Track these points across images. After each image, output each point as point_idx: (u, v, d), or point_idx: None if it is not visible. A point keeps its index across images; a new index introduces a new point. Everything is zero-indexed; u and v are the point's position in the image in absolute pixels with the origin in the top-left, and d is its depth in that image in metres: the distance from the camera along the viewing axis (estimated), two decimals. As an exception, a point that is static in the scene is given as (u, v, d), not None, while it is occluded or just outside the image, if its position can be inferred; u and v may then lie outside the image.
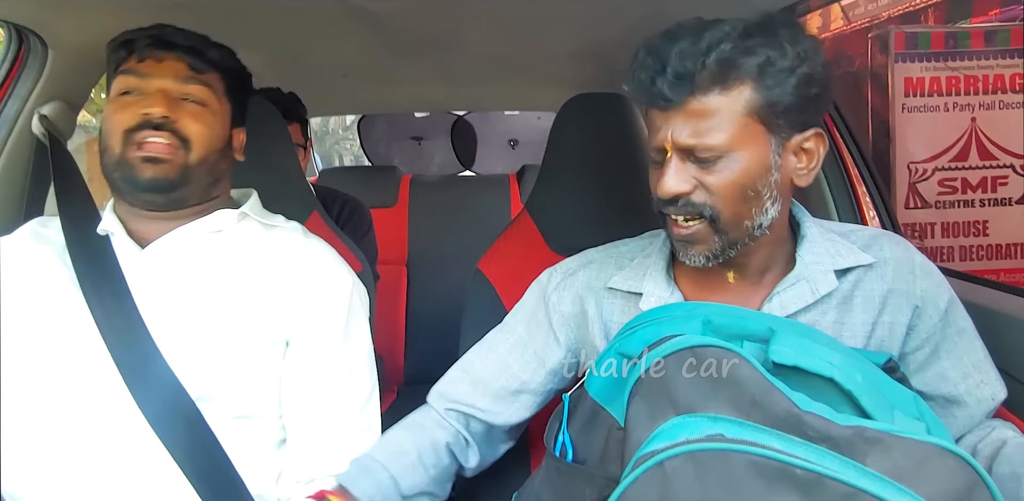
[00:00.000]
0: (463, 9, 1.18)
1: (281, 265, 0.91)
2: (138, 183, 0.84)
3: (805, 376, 0.64)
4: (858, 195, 1.31)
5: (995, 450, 0.72)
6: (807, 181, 0.77)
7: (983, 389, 0.78)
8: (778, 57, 0.69)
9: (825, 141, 0.76)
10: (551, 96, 1.79)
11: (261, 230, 0.94)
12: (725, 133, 0.70)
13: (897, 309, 0.79)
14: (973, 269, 2.31)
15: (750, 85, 0.69)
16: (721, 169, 0.71)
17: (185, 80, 0.87)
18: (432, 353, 1.06)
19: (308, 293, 0.90)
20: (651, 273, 0.84)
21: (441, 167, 2.86)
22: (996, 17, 3.22)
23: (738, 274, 0.80)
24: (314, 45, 1.35)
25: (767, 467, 0.54)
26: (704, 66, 0.68)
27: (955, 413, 0.79)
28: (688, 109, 0.70)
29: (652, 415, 0.62)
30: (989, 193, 2.35)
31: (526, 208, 1.18)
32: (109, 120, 0.85)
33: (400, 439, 0.87)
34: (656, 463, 0.56)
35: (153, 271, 0.87)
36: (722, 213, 0.73)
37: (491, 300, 1.06)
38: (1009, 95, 2.31)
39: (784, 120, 0.71)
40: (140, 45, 0.86)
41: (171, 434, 0.80)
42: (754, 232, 0.75)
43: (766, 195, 0.73)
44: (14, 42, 1.06)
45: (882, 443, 0.57)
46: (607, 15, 1.20)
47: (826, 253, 0.79)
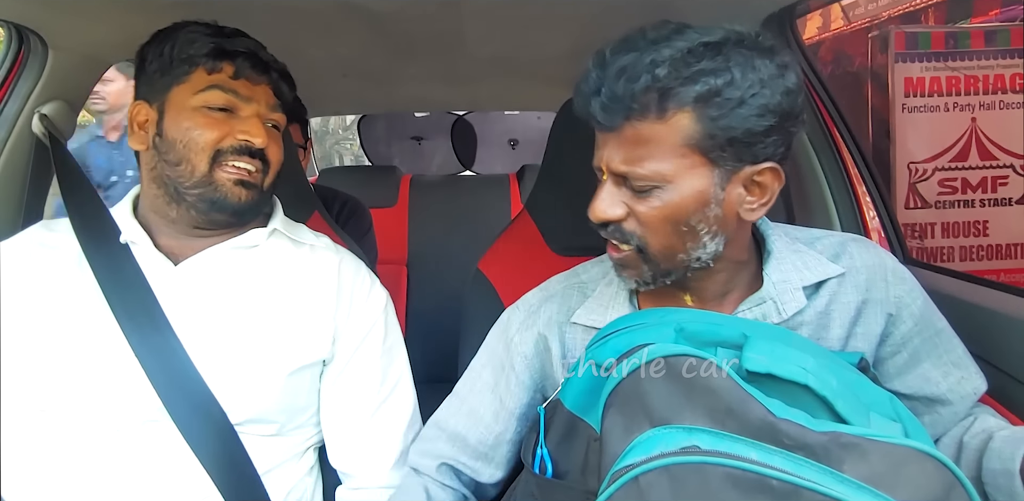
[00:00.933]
0: (463, 9, 1.18)
1: (319, 284, 0.91)
2: (225, 205, 0.84)
3: (780, 382, 0.63)
4: (858, 195, 1.31)
5: (982, 443, 0.72)
6: (756, 216, 0.71)
7: (964, 385, 0.78)
8: (724, 85, 0.63)
9: (781, 177, 0.70)
10: (551, 96, 1.79)
11: (291, 246, 0.94)
12: (660, 163, 0.66)
13: (871, 319, 0.78)
14: (973, 269, 2.30)
15: (689, 114, 0.64)
16: (654, 200, 0.67)
17: (273, 108, 0.89)
18: (432, 353, 1.06)
19: (348, 313, 0.92)
20: (613, 305, 0.80)
21: (441, 167, 2.87)
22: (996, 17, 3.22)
23: (695, 297, 0.77)
24: (314, 45, 1.35)
25: (742, 479, 0.54)
26: (643, 91, 0.64)
27: (939, 411, 0.79)
28: (622, 134, 0.66)
29: (627, 427, 0.61)
30: (989, 193, 2.35)
31: (526, 208, 1.18)
32: (194, 133, 0.82)
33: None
34: (631, 478, 0.56)
35: (188, 289, 0.85)
36: (650, 245, 0.70)
37: (491, 300, 1.06)
38: (1009, 95, 2.30)
39: (730, 153, 0.66)
40: (240, 62, 0.84)
41: (207, 451, 0.79)
42: (691, 264, 0.72)
43: (702, 230, 0.69)
44: (14, 42, 1.06)
45: (858, 448, 0.56)
46: (607, 15, 1.20)
47: (793, 268, 0.76)
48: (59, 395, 0.79)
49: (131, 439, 0.79)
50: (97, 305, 0.81)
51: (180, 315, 0.83)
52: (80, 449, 0.79)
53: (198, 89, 0.84)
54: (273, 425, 0.86)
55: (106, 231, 0.85)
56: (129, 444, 0.79)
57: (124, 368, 0.79)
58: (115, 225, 0.86)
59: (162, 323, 0.81)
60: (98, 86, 1.78)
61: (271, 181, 0.89)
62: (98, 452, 0.79)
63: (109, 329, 0.80)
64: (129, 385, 0.79)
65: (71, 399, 0.79)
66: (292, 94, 0.93)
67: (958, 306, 0.86)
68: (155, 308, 0.81)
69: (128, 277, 0.82)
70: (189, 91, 0.84)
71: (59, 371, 0.80)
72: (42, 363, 0.80)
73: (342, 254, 0.97)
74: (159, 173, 0.85)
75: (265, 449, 0.85)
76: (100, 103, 2.38)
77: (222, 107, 0.84)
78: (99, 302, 0.81)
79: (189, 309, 0.84)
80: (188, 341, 0.82)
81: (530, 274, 1.01)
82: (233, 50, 0.85)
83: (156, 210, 0.87)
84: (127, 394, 0.79)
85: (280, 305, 0.88)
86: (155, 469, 0.79)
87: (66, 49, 1.08)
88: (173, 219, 0.87)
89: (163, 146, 0.84)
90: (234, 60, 0.84)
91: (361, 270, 0.97)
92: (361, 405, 0.92)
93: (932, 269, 1.12)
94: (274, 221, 0.94)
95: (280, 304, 0.88)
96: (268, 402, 0.85)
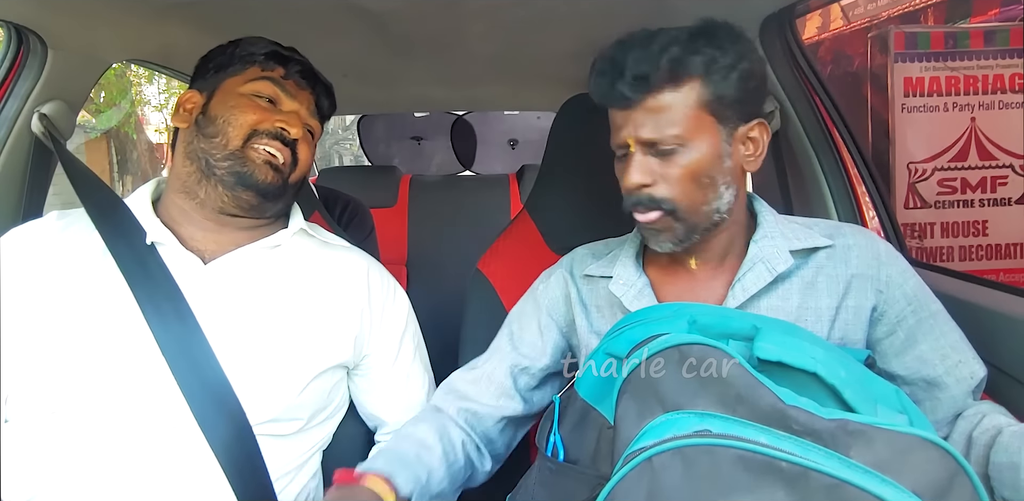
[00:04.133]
0: (463, 9, 1.18)
1: (347, 287, 0.94)
2: (251, 181, 0.87)
3: (789, 371, 0.65)
4: (858, 195, 1.31)
5: (991, 438, 0.73)
6: (755, 166, 0.83)
7: (961, 368, 0.80)
8: (720, 55, 0.76)
9: (768, 129, 0.83)
10: (551, 96, 1.79)
11: (318, 247, 0.96)
12: (680, 126, 0.77)
13: (861, 293, 0.82)
14: (973, 269, 2.31)
15: (699, 81, 0.77)
16: (679, 159, 0.78)
17: (311, 113, 0.95)
18: (431, 353, 1.06)
19: (381, 317, 0.96)
20: (621, 259, 0.90)
21: (441, 167, 2.86)
22: (996, 17, 3.22)
23: (699, 260, 0.86)
24: (314, 45, 1.34)
25: (753, 461, 0.55)
26: (658, 67, 0.75)
27: (938, 396, 0.80)
28: (646, 106, 0.77)
29: (640, 413, 0.64)
30: (988, 193, 2.35)
31: (526, 208, 1.18)
32: (237, 111, 0.87)
33: (424, 434, 0.86)
34: (644, 459, 0.57)
35: (217, 288, 0.86)
36: (679, 202, 0.79)
37: (491, 300, 1.06)
38: (1009, 95, 2.30)
39: (731, 111, 0.78)
40: (292, 66, 0.93)
41: (226, 451, 0.79)
42: (713, 216, 0.81)
43: (720, 181, 0.79)
44: (14, 42, 1.06)
45: (865, 435, 0.58)
46: (607, 15, 1.20)
47: (781, 235, 0.84)
48: (79, 393, 0.79)
49: (150, 439, 0.79)
50: (123, 301, 0.81)
51: (208, 314, 0.83)
52: (98, 449, 0.78)
53: (250, 79, 0.91)
54: (295, 423, 0.87)
55: (131, 230, 0.85)
56: (148, 444, 0.79)
57: (149, 366, 0.79)
58: (138, 224, 0.86)
59: (190, 322, 0.81)
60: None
61: (296, 178, 0.92)
62: (115, 452, 0.78)
63: (136, 326, 0.80)
64: (153, 384, 0.79)
65: (93, 397, 0.79)
66: (331, 111, 0.99)
67: (958, 306, 0.86)
68: (183, 306, 0.82)
69: (156, 277, 0.83)
70: (241, 80, 0.91)
71: (81, 368, 0.79)
72: (62, 360, 0.79)
73: (369, 259, 1.00)
74: (194, 147, 0.88)
75: (276, 451, 0.85)
76: None
77: (269, 97, 0.90)
78: (125, 299, 0.81)
79: (217, 308, 0.84)
80: (214, 340, 0.82)
81: (530, 274, 1.01)
82: (289, 56, 0.94)
83: (187, 190, 0.88)
84: (151, 393, 0.79)
85: (307, 306, 0.90)
86: (172, 469, 0.79)
87: (66, 49, 1.08)
88: (202, 201, 0.88)
89: (204, 122, 0.88)
90: (287, 64, 0.93)
91: (385, 273, 1.01)
92: (408, 402, 0.98)
93: (932, 269, 1.12)
94: (296, 220, 0.96)
95: (307, 305, 0.90)
96: (290, 402, 0.85)
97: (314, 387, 0.88)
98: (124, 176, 9.11)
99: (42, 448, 0.79)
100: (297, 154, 0.91)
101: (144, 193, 0.91)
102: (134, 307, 0.81)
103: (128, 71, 7.86)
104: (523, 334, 0.94)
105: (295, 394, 0.85)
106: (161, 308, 0.81)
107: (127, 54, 1.27)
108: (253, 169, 0.86)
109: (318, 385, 0.89)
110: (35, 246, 0.85)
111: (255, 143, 0.87)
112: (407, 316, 1.01)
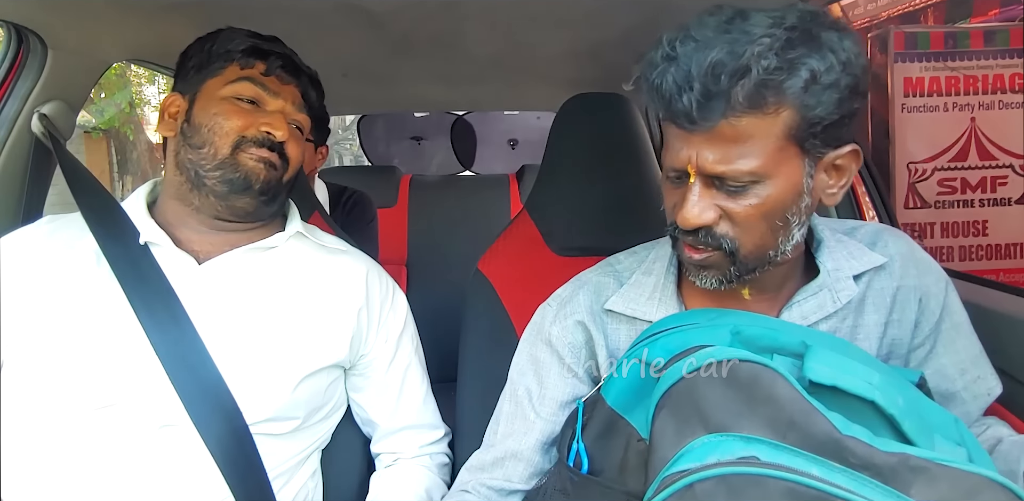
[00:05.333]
0: (463, 9, 1.18)
1: (345, 290, 0.94)
2: (246, 184, 0.85)
3: (842, 396, 0.59)
4: (858, 195, 1.31)
5: (991, 448, 0.72)
6: (836, 200, 0.69)
7: (980, 384, 0.77)
8: (823, 70, 0.60)
9: (860, 158, 0.68)
10: (551, 96, 1.79)
11: (314, 249, 0.96)
12: (758, 160, 0.62)
13: (905, 305, 0.76)
14: (973, 269, 2.30)
15: (792, 105, 0.61)
16: (750, 198, 0.64)
17: (298, 108, 0.92)
18: (431, 353, 1.06)
19: (379, 320, 0.96)
20: (658, 296, 0.77)
21: (441, 167, 2.87)
22: (996, 17, 3.22)
23: (755, 290, 0.74)
24: (314, 45, 1.35)
25: (805, 495, 0.51)
26: (743, 85, 0.59)
27: (951, 409, 0.77)
28: (717, 132, 0.61)
29: (679, 431, 0.58)
30: (988, 193, 2.35)
31: (526, 208, 1.18)
32: (221, 118, 0.85)
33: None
34: (686, 485, 0.53)
35: (211, 288, 0.86)
36: (743, 245, 0.66)
37: (491, 300, 1.06)
38: (1009, 95, 2.30)
39: (821, 139, 0.63)
40: (272, 60, 0.89)
41: (223, 452, 0.79)
42: (776, 258, 0.69)
43: (794, 222, 0.67)
44: (14, 42, 1.06)
45: (928, 473, 0.53)
46: (607, 15, 1.20)
47: (843, 257, 0.75)
48: (74, 394, 0.79)
49: (147, 441, 0.79)
50: (117, 303, 0.81)
51: (202, 314, 0.83)
52: (95, 450, 0.78)
53: (229, 80, 0.88)
54: (291, 422, 0.86)
55: (124, 231, 0.85)
56: (144, 446, 0.79)
57: (144, 368, 0.79)
58: (132, 225, 0.86)
59: (184, 322, 0.81)
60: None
61: (289, 177, 0.92)
62: (113, 453, 0.78)
63: (129, 328, 0.80)
64: (148, 385, 0.79)
65: (88, 398, 0.79)
66: (320, 101, 0.97)
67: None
68: (177, 307, 0.82)
69: (149, 278, 0.82)
70: (221, 82, 0.88)
71: (75, 370, 0.79)
72: (56, 361, 0.79)
73: (368, 261, 1.00)
74: (182, 158, 0.87)
75: (275, 451, 0.85)
76: None
77: (250, 99, 0.88)
78: (119, 300, 0.81)
79: (211, 308, 0.84)
80: (209, 340, 0.82)
81: (530, 274, 1.01)
82: (268, 50, 0.90)
83: (181, 198, 0.88)
84: (146, 395, 0.79)
85: (301, 306, 0.89)
86: (169, 471, 0.79)
87: (66, 49, 1.08)
88: (196, 207, 0.88)
89: (189, 131, 0.87)
90: (267, 59, 0.89)
91: (384, 276, 1.00)
92: (401, 405, 0.98)
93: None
94: (293, 223, 0.95)
95: (301, 305, 0.89)
96: (284, 401, 0.85)
97: (308, 386, 0.88)
98: (124, 176, 9.12)
99: (39, 449, 0.78)
100: (287, 154, 0.89)
101: (140, 195, 0.91)
102: (128, 308, 0.80)
103: (128, 71, 7.86)
104: (544, 392, 0.80)
105: (288, 392, 0.85)
106: (154, 308, 0.81)
107: (127, 54, 1.27)
108: (246, 171, 0.86)
109: (312, 384, 0.89)
110: (26, 252, 0.85)
111: (243, 150, 0.86)
112: (405, 318, 1.01)
